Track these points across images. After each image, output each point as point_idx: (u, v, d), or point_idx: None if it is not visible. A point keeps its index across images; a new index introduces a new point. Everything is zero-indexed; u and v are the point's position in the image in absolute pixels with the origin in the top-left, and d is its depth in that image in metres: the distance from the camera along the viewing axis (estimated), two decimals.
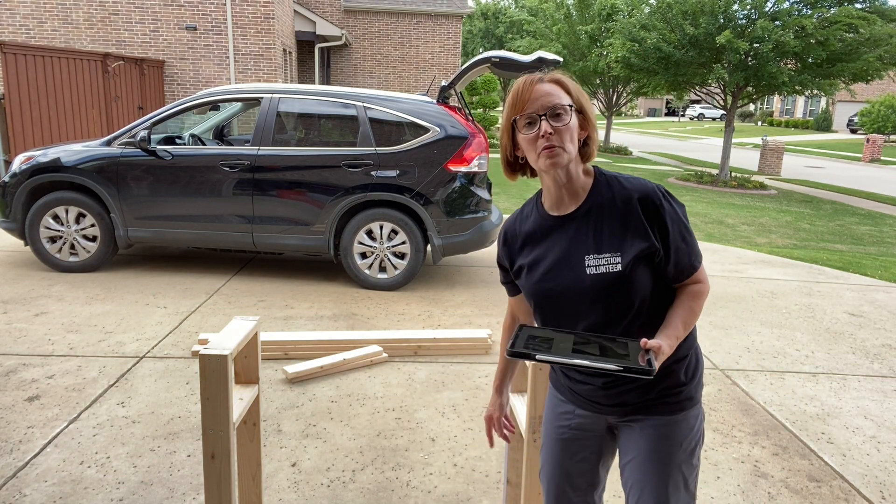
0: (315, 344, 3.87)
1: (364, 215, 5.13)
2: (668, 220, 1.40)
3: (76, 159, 5.17)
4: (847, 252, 7.96)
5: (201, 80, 13.10)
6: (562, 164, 1.37)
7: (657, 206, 1.39)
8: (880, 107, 32.01)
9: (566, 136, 1.36)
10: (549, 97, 1.36)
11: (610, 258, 1.38)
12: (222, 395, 1.77)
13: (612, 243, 1.39)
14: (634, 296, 1.40)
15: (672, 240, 1.40)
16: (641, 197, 1.40)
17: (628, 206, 1.39)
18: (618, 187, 1.42)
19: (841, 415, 3.44)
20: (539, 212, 1.51)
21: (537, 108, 1.36)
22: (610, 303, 1.40)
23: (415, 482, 2.65)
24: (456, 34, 20.65)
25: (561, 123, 1.36)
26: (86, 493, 2.46)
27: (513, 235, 1.57)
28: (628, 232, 1.39)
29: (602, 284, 1.39)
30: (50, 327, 4.12)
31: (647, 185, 1.41)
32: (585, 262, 1.40)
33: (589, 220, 1.42)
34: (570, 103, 1.38)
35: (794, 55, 12.90)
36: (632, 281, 1.39)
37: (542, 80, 1.39)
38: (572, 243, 1.43)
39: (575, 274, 1.42)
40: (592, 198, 1.43)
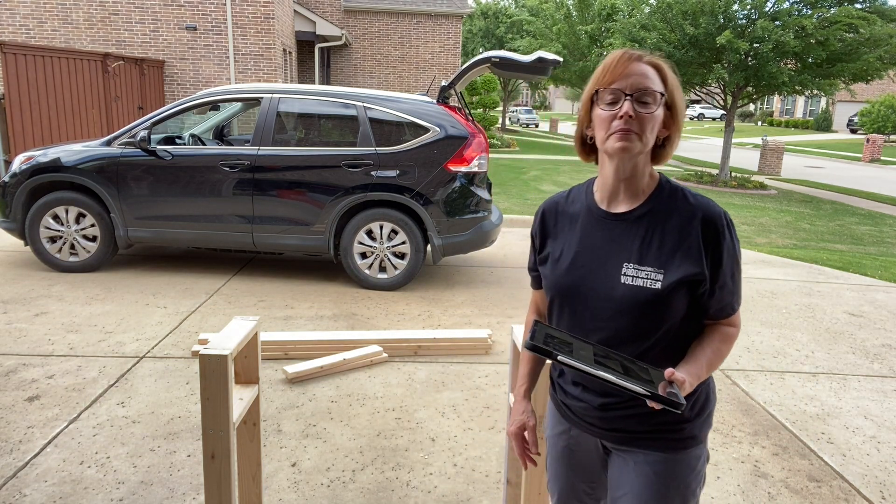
0: (315, 344, 3.87)
1: (364, 215, 5.13)
2: (726, 251, 1.28)
3: (76, 159, 5.17)
4: (847, 252, 7.96)
5: (201, 80, 13.10)
6: (632, 153, 1.24)
7: (719, 233, 1.27)
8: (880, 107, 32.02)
9: (647, 126, 1.23)
10: (642, 79, 1.23)
11: (651, 273, 1.26)
12: (222, 395, 1.77)
13: (658, 258, 1.27)
14: (663, 320, 1.29)
15: (722, 274, 1.29)
16: (706, 218, 1.27)
17: (688, 224, 1.27)
18: (682, 200, 1.30)
19: (841, 415, 3.44)
20: (587, 200, 1.38)
21: (625, 86, 1.23)
22: (635, 320, 1.29)
23: (415, 482, 2.65)
24: (456, 34, 20.65)
25: (646, 110, 1.23)
26: (86, 493, 2.46)
27: (552, 214, 1.44)
28: (679, 251, 1.27)
29: (634, 299, 1.27)
30: (50, 327, 4.12)
31: (715, 207, 1.29)
32: (623, 269, 1.29)
33: (640, 225, 1.30)
34: (661, 91, 1.25)
35: (794, 55, 12.90)
36: (667, 304, 1.27)
37: (640, 59, 1.26)
38: (614, 245, 1.31)
39: (607, 278, 1.30)
40: (651, 203, 1.31)
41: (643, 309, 1.27)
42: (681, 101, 1.30)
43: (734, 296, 1.33)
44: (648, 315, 1.27)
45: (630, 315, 1.28)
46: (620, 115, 1.22)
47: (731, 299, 1.33)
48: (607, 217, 1.34)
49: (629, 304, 1.27)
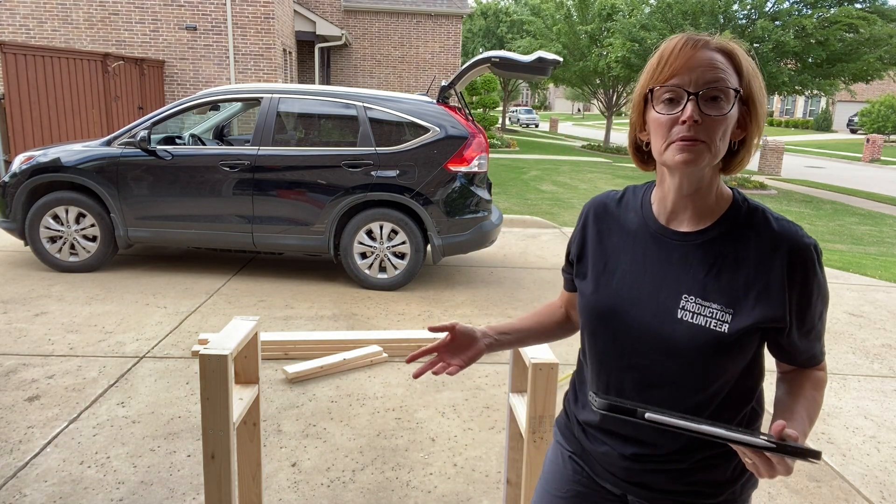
0: (315, 344, 3.87)
1: (364, 215, 5.13)
2: (816, 291, 1.05)
3: (76, 159, 5.17)
4: (847, 252, 7.96)
5: (201, 80, 13.10)
6: (699, 165, 0.99)
7: (807, 269, 1.03)
8: (880, 107, 32.03)
9: (717, 131, 0.98)
10: (711, 70, 0.98)
11: (717, 312, 1.03)
12: (222, 395, 1.77)
13: (729, 294, 1.03)
14: (725, 370, 1.06)
15: (810, 318, 1.07)
16: (794, 249, 1.03)
17: (770, 255, 1.03)
18: (763, 224, 1.06)
19: (841, 415, 3.44)
20: (644, 210, 1.14)
21: (688, 82, 0.98)
22: (689, 367, 1.06)
23: (415, 482, 2.65)
24: (456, 34, 20.65)
25: (717, 112, 0.98)
26: (86, 493, 2.46)
27: (600, 219, 1.20)
28: (756, 288, 1.03)
29: (692, 340, 1.04)
30: (50, 327, 4.12)
31: (803, 235, 1.05)
32: (681, 301, 1.05)
33: (708, 251, 1.06)
34: (736, 87, 1.00)
35: (794, 55, 12.91)
36: (733, 351, 1.04)
37: (706, 45, 1.00)
38: (673, 271, 1.08)
39: (660, 311, 1.07)
40: (724, 225, 1.07)
41: (702, 354, 1.04)
42: (761, 94, 1.04)
43: (821, 341, 1.13)
44: (707, 362, 1.05)
45: (683, 359, 1.05)
46: (683, 121, 0.98)
47: (819, 345, 1.12)
48: (667, 235, 1.10)
49: (685, 346, 1.04)
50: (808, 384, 1.11)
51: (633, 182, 1.18)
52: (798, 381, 1.12)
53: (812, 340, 1.10)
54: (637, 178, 14.94)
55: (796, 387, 1.11)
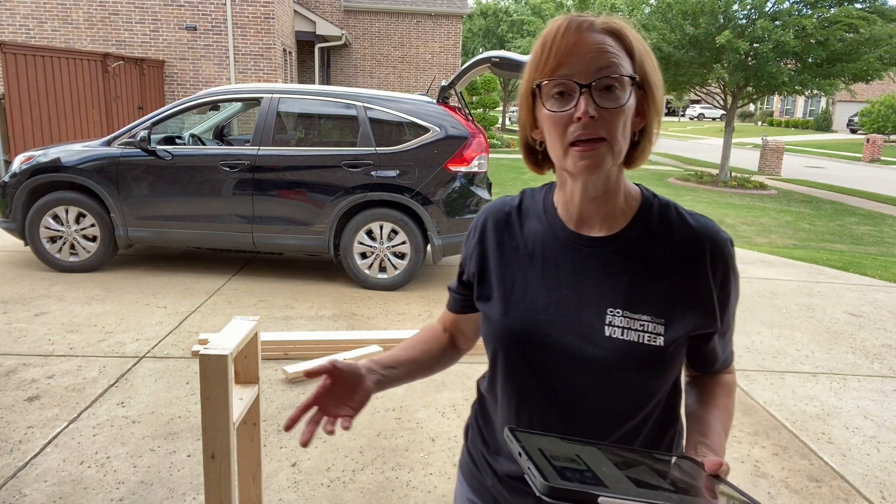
0: (315, 344, 3.87)
1: (364, 215, 5.13)
2: (734, 290, 0.98)
3: (76, 159, 5.17)
4: (847, 252, 7.96)
5: (201, 80, 13.10)
6: (603, 168, 0.88)
7: (727, 267, 0.96)
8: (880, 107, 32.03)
9: (618, 125, 0.87)
10: (602, 56, 0.86)
11: (649, 324, 0.91)
12: (222, 395, 1.77)
13: (657, 303, 0.92)
14: (658, 390, 0.96)
15: (727, 318, 0.99)
16: (714, 246, 0.95)
17: (694, 256, 0.93)
18: (678, 222, 0.96)
19: (841, 415, 3.44)
20: (548, 216, 1.00)
21: (578, 72, 0.85)
22: (625, 388, 0.94)
23: (415, 482, 2.65)
24: (456, 34, 20.65)
25: (614, 103, 0.86)
26: (86, 493, 2.46)
27: (499, 227, 1.04)
28: (684, 292, 0.93)
29: (625, 360, 0.91)
30: (50, 327, 4.12)
31: (720, 231, 0.97)
32: (607, 318, 0.92)
33: (627, 256, 0.94)
34: (631, 73, 0.88)
35: (794, 55, 12.90)
36: (668, 366, 0.94)
37: (592, 27, 0.87)
38: (592, 283, 0.94)
39: (584, 330, 0.93)
40: (638, 226, 0.96)
41: (637, 374, 0.92)
42: (655, 75, 0.92)
43: (732, 341, 1.06)
44: (642, 382, 0.93)
45: (619, 381, 0.93)
46: (578, 117, 0.85)
47: (731, 347, 1.05)
48: (580, 242, 0.96)
49: (619, 366, 0.91)
50: (721, 391, 1.03)
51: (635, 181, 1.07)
52: (710, 388, 1.03)
53: (727, 342, 1.03)
54: (640, 178, 14.93)
55: (708, 395, 1.02)
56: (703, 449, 0.91)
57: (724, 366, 1.05)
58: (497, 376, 1.02)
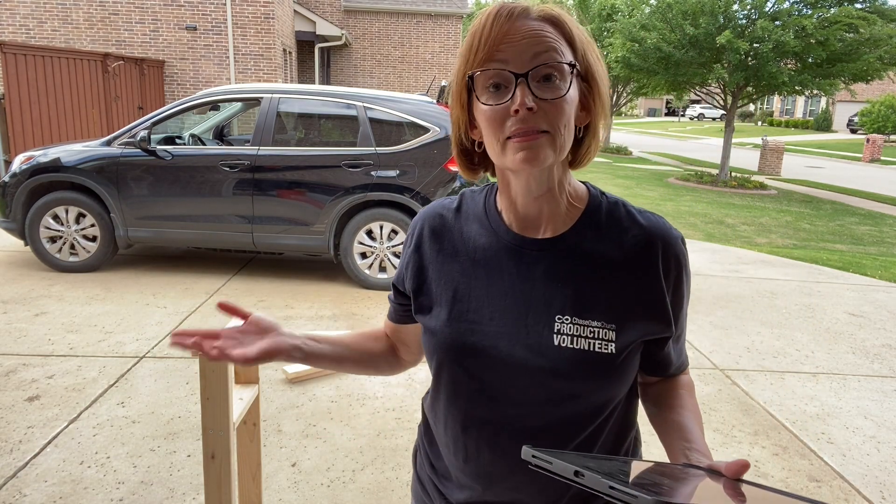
0: None
1: (364, 215, 5.13)
2: (686, 290, 0.93)
3: (76, 159, 5.17)
4: (847, 252, 7.96)
5: (201, 80, 13.10)
6: (544, 161, 0.81)
7: (680, 267, 0.91)
8: (880, 107, 32.03)
9: (559, 117, 0.80)
10: (538, 42, 0.80)
11: (599, 330, 0.86)
12: (222, 395, 1.77)
13: (607, 307, 0.87)
14: (613, 398, 0.90)
15: (681, 320, 0.94)
16: (666, 245, 0.89)
17: (644, 256, 0.88)
18: (627, 220, 0.90)
19: (841, 415, 3.44)
20: (490, 219, 0.94)
21: (513, 60, 0.79)
22: (575, 402, 0.87)
23: None
24: (456, 34, 20.66)
25: (553, 94, 0.80)
26: (86, 493, 2.46)
27: (437, 232, 0.97)
28: (635, 295, 0.88)
29: (576, 367, 0.85)
30: (50, 327, 4.12)
31: (671, 228, 0.92)
32: (555, 325, 0.86)
33: (572, 258, 0.88)
34: (571, 60, 0.82)
35: (794, 55, 12.91)
36: (621, 373, 0.89)
37: (526, 14, 0.81)
38: (538, 288, 0.88)
39: (530, 340, 0.87)
40: (586, 225, 0.90)
41: (590, 381, 0.86)
42: (599, 66, 0.86)
43: (683, 338, 1.00)
44: (597, 390, 0.87)
45: (570, 391, 0.87)
46: (515, 110, 0.79)
47: (684, 349, 1.01)
48: (524, 246, 0.90)
49: (568, 375, 0.85)
50: (685, 392, 0.97)
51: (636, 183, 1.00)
52: (672, 391, 0.97)
53: (681, 345, 0.98)
54: (640, 178, 14.96)
55: (673, 398, 0.95)
56: (695, 455, 0.84)
57: (681, 369, 1.00)
58: (440, 393, 0.95)
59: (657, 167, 18.25)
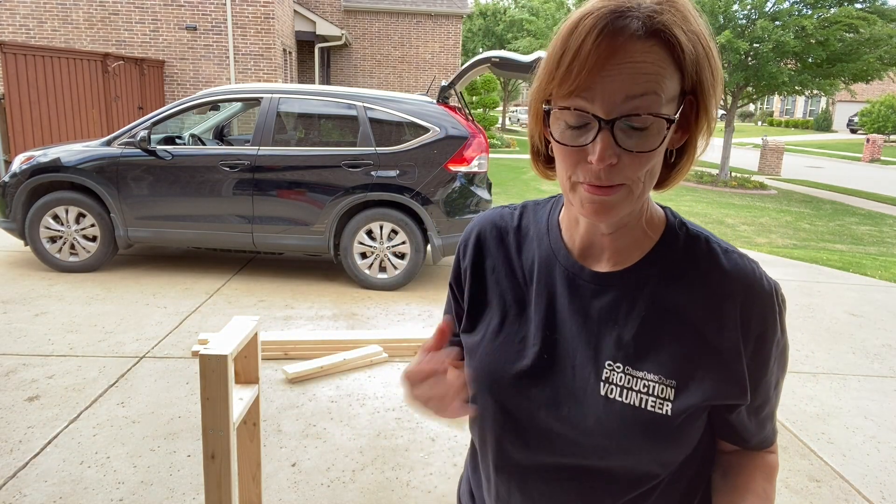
0: (315, 344, 3.87)
1: (364, 215, 5.13)
2: (774, 354, 0.79)
3: (76, 159, 5.17)
4: (847, 252, 7.96)
5: (201, 80, 13.10)
6: (617, 216, 0.72)
7: (766, 324, 0.77)
8: (880, 107, 32.03)
9: (641, 169, 0.69)
10: (637, 83, 0.66)
11: (653, 384, 0.75)
12: (222, 395, 1.77)
13: (668, 361, 0.75)
14: (668, 462, 0.79)
15: (764, 389, 0.80)
16: (750, 295, 0.76)
17: (721, 304, 0.76)
18: (708, 259, 0.78)
19: (841, 415, 3.44)
20: (552, 239, 0.84)
21: (601, 99, 0.66)
22: (621, 457, 0.77)
23: (415, 482, 2.65)
24: (456, 34, 20.65)
25: (640, 147, 0.68)
26: (86, 493, 2.46)
27: (495, 247, 0.87)
28: (705, 351, 0.75)
29: (622, 424, 0.75)
30: (50, 327, 4.12)
31: (762, 276, 0.78)
32: (604, 373, 0.77)
33: (637, 300, 0.77)
34: (670, 116, 0.68)
35: (794, 55, 12.91)
36: (679, 437, 0.76)
37: (630, 31, 0.65)
38: (592, 328, 0.78)
39: (576, 384, 0.78)
40: (656, 262, 0.78)
41: (638, 442, 0.76)
42: (712, 76, 0.71)
43: (775, 418, 0.87)
44: (645, 451, 0.76)
45: (612, 449, 0.77)
46: (592, 161, 0.68)
47: (772, 424, 0.87)
48: (583, 277, 0.80)
49: (612, 432, 0.76)
50: (759, 475, 0.84)
51: None
52: (746, 469, 0.84)
53: (765, 419, 0.84)
54: None
55: (744, 478, 0.83)
56: None
57: (763, 444, 0.86)
58: (477, 420, 0.87)
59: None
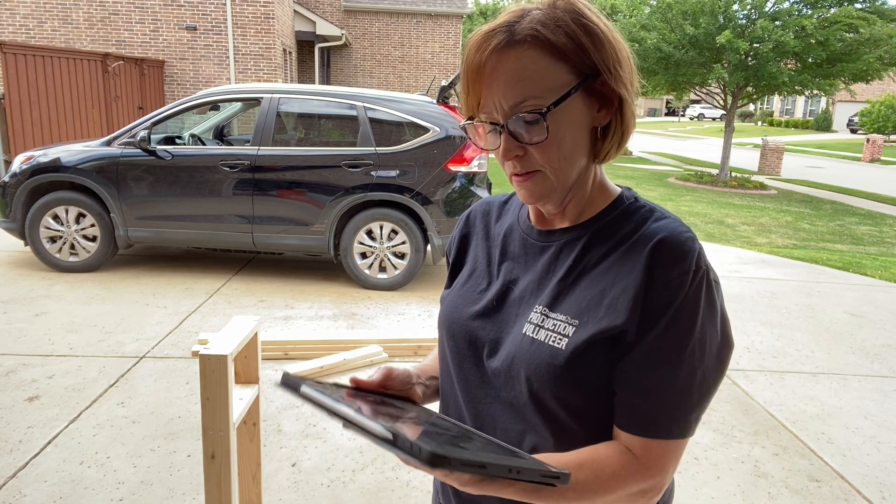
0: (315, 344, 3.87)
1: (364, 215, 5.13)
2: (679, 302, 0.76)
3: (76, 159, 5.17)
4: (847, 252, 7.96)
5: (201, 80, 13.10)
6: (546, 197, 0.84)
7: (674, 268, 0.76)
8: (880, 107, 32.02)
9: (548, 157, 0.79)
10: (515, 84, 0.77)
11: (560, 324, 0.81)
12: (222, 395, 1.77)
13: (579, 302, 0.81)
14: (571, 402, 0.81)
15: (653, 336, 0.76)
16: (662, 241, 0.78)
17: (637, 252, 0.79)
18: (641, 220, 0.83)
19: (841, 415, 3.44)
20: (520, 211, 0.97)
21: (496, 108, 0.79)
22: (529, 397, 0.82)
23: (415, 482, 2.65)
24: (456, 34, 20.65)
25: (537, 137, 0.78)
26: (86, 493, 2.46)
27: (480, 222, 1.02)
28: (611, 293, 0.79)
29: (527, 360, 0.81)
30: (50, 327, 4.12)
31: (683, 231, 0.79)
32: (531, 315, 0.84)
33: (571, 252, 0.85)
34: (554, 98, 0.77)
35: (794, 55, 12.91)
36: (571, 375, 0.79)
37: (508, 44, 0.77)
38: (535, 278, 0.87)
39: (508, 324, 0.87)
40: (594, 223, 0.86)
41: (537, 376, 0.80)
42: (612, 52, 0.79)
43: (665, 403, 0.77)
44: (545, 387, 0.80)
45: (521, 386, 0.82)
46: (504, 161, 0.82)
47: (655, 403, 0.77)
48: (532, 236, 0.91)
49: (520, 366, 0.82)
50: (610, 450, 0.80)
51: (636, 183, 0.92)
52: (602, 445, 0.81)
53: (644, 383, 0.77)
54: (640, 178, 14.95)
55: (595, 449, 0.80)
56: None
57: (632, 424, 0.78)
58: (441, 364, 1.00)
59: (657, 167, 18.25)
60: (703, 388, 0.78)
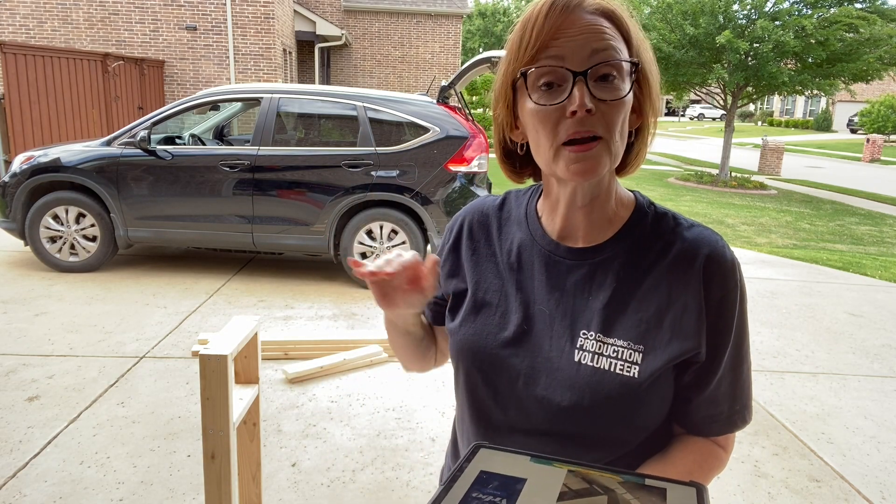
0: (315, 344, 3.87)
1: (364, 215, 5.13)
2: (733, 316, 0.82)
3: (76, 159, 5.17)
4: (847, 252, 7.96)
5: (201, 80, 13.10)
6: (599, 173, 0.76)
7: (727, 287, 0.81)
8: (880, 107, 32.02)
9: (617, 121, 0.75)
10: (597, 38, 0.73)
11: (623, 350, 0.79)
12: (222, 395, 1.77)
13: (637, 326, 0.79)
14: (642, 425, 0.82)
15: (723, 351, 0.82)
16: (712, 259, 0.80)
17: (685, 269, 0.80)
18: (673, 232, 0.82)
19: (841, 415, 3.44)
20: (530, 222, 0.89)
21: (571, 56, 0.73)
22: (594, 422, 0.80)
23: (415, 482, 2.65)
24: (456, 34, 20.65)
25: (612, 95, 0.74)
26: (86, 493, 2.46)
27: (478, 231, 0.93)
28: (670, 314, 0.79)
29: (594, 389, 0.78)
30: (50, 327, 4.12)
31: (724, 246, 0.82)
32: (578, 341, 0.81)
33: (608, 271, 0.82)
34: (630, 59, 0.76)
35: (794, 55, 12.91)
36: (646, 401, 0.80)
37: (583, 6, 0.74)
38: (567, 300, 0.83)
39: (552, 353, 0.82)
40: (626, 237, 0.83)
41: (609, 406, 0.78)
42: (654, 67, 0.80)
43: (740, 397, 0.85)
44: (617, 416, 0.79)
45: (586, 413, 0.79)
46: (573, 111, 0.72)
47: (730, 403, 0.84)
48: (560, 254, 0.85)
49: (583, 395, 0.79)
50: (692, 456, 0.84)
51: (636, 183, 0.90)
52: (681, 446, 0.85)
53: (723, 392, 0.83)
54: (640, 178, 14.95)
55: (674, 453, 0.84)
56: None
57: (710, 427, 0.85)
58: (458, 391, 0.92)
59: (657, 167, 18.25)
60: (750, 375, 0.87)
